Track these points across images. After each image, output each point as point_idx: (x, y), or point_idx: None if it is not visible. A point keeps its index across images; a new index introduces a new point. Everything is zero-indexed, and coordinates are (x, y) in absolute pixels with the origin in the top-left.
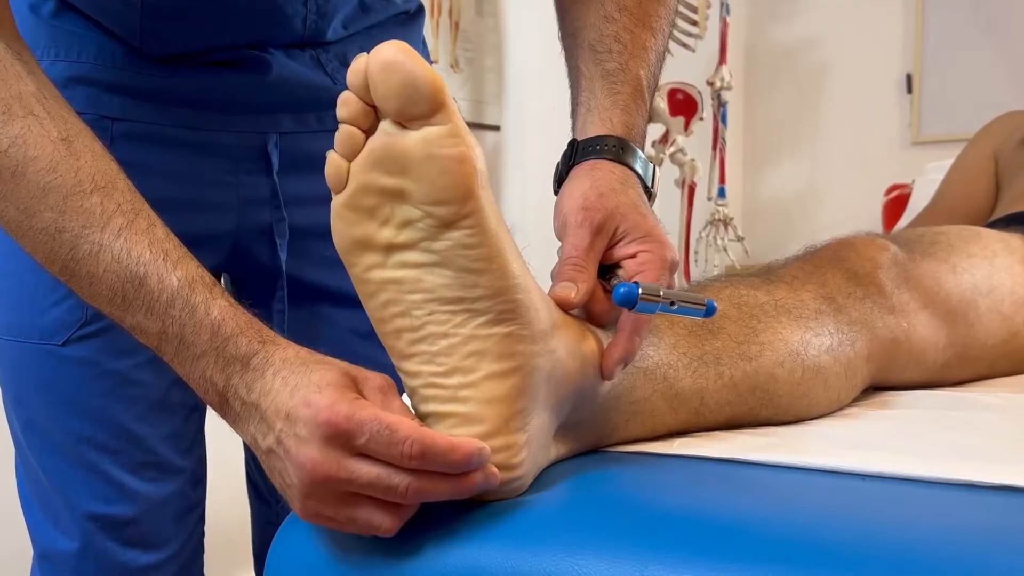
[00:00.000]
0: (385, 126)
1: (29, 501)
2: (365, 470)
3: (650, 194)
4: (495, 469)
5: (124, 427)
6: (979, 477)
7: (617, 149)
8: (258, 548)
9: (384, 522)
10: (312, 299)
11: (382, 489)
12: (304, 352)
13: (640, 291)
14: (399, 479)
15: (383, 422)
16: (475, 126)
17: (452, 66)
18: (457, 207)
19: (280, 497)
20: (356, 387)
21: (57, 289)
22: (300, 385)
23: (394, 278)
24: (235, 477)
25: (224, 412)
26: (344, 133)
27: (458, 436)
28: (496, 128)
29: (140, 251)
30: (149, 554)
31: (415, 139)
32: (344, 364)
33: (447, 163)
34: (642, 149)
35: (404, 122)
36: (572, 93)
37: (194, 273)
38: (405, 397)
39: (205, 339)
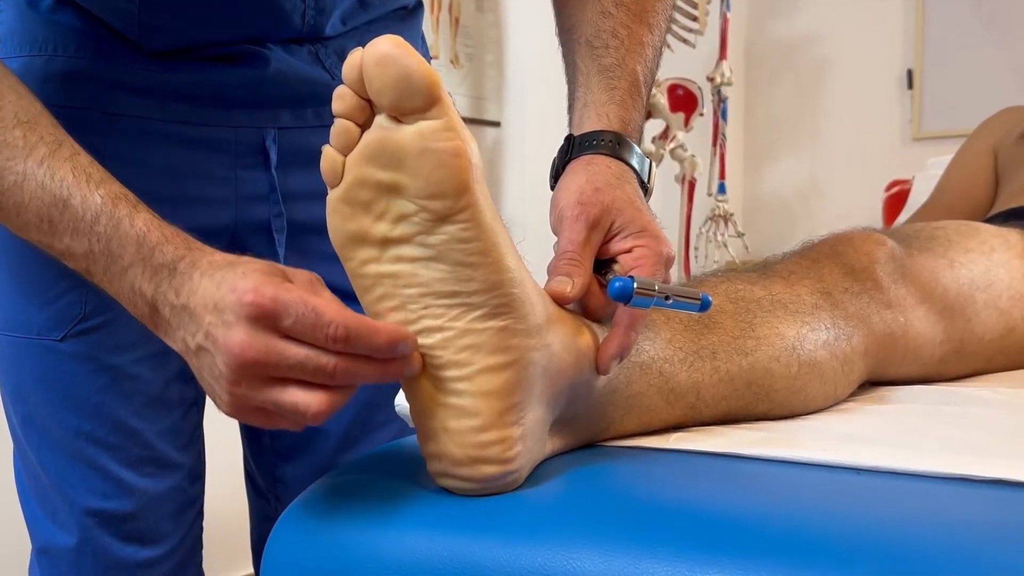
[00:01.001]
0: (380, 120)
1: (27, 496)
2: (293, 351)
3: (646, 189)
4: (419, 357)
5: (122, 422)
6: (975, 471)
7: (613, 144)
8: (256, 543)
9: (312, 403)
10: None
11: (311, 370)
12: (232, 256)
13: (635, 285)
14: (326, 359)
15: (308, 305)
16: (475, 122)
17: (452, 62)
18: (452, 201)
19: (279, 493)
20: (284, 275)
21: (55, 285)
22: (227, 278)
23: (389, 272)
24: (233, 472)
25: (155, 323)
26: (339, 127)
27: (388, 325)
28: (496, 124)
29: (63, 175)
30: (147, 549)
31: (410, 133)
32: (272, 262)
33: (442, 157)
34: (639, 144)
35: (399, 116)
36: (569, 89)
37: (117, 191)
38: (402, 395)
39: (131, 251)
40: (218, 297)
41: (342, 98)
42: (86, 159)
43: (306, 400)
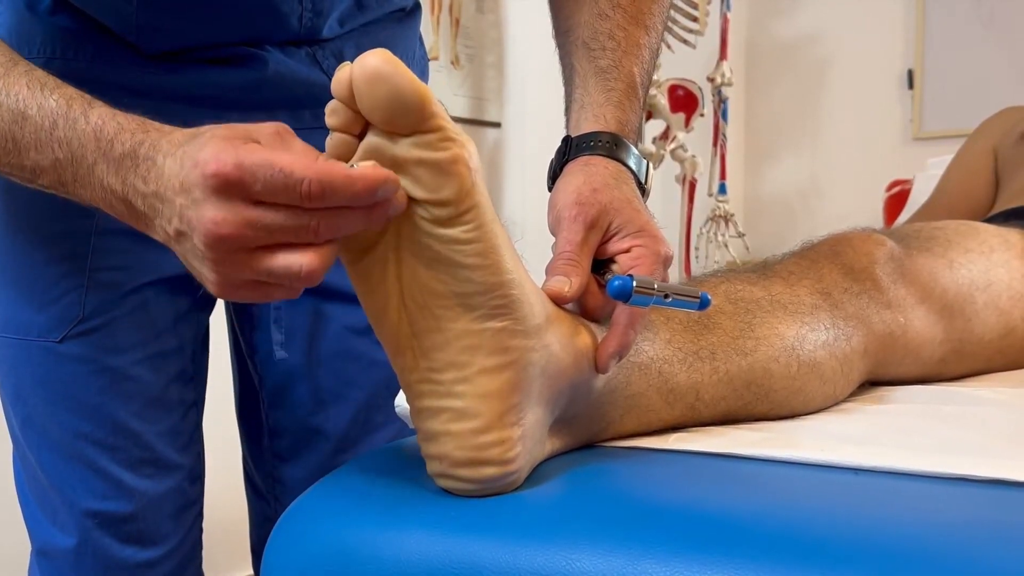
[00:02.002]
0: (375, 132)
1: (27, 497)
2: (270, 217)
3: (643, 190)
4: (403, 194)
5: (121, 423)
6: (974, 471)
7: (611, 145)
8: (256, 544)
9: (303, 263)
10: (309, 296)
11: (292, 231)
12: (190, 130)
13: (634, 284)
14: (307, 219)
15: (276, 165)
16: (475, 123)
17: (452, 63)
18: (454, 208)
19: (278, 494)
20: (248, 136)
21: (54, 286)
22: (188, 152)
23: (391, 274)
24: (233, 473)
25: (135, 218)
26: (337, 140)
27: (365, 170)
28: (496, 125)
29: (18, 90)
30: (147, 550)
31: (406, 145)
32: (235, 124)
33: (441, 166)
34: (636, 145)
35: (393, 131)
36: (566, 91)
37: (72, 92)
38: (401, 396)
39: (92, 147)
40: (183, 175)
41: (336, 113)
42: (41, 73)
43: (297, 261)
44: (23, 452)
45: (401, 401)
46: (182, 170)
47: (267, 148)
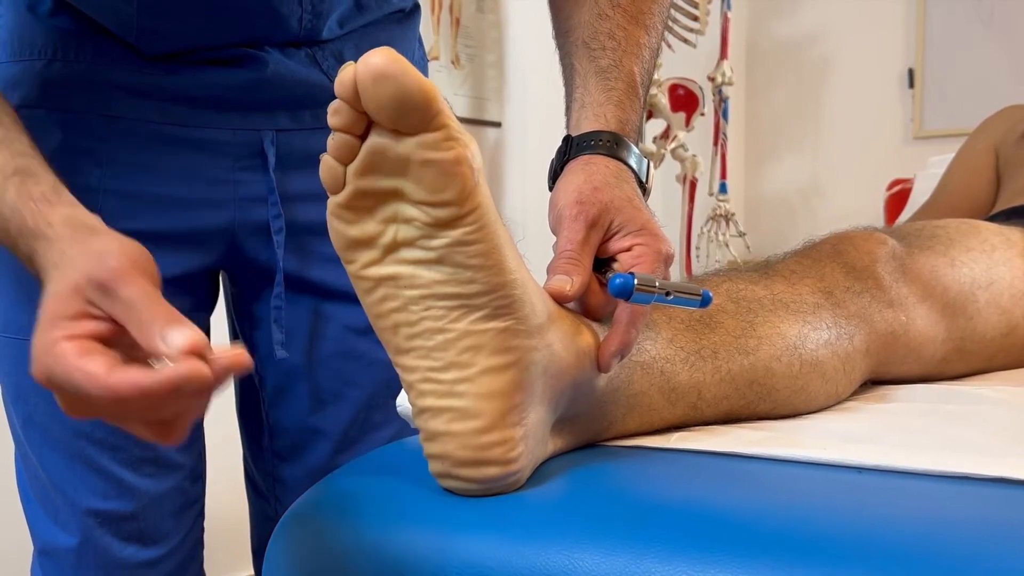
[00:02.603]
0: (378, 132)
1: (29, 497)
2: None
3: (644, 189)
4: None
5: None
6: (977, 470)
7: (611, 144)
8: (257, 543)
9: (159, 440)
10: (309, 295)
11: (118, 419)
12: (57, 254)
13: (636, 281)
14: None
15: (74, 383)
16: (476, 122)
17: (453, 62)
18: (456, 208)
19: (279, 494)
20: (101, 289)
21: None
22: (44, 301)
23: (391, 274)
24: (234, 472)
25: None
26: (339, 140)
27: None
28: (497, 124)
29: None
30: (149, 549)
31: (411, 145)
32: (90, 261)
33: (444, 166)
34: (636, 145)
35: (398, 131)
36: (566, 90)
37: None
38: (403, 395)
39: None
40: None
41: (338, 113)
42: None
43: (150, 437)
44: (25, 452)
45: (403, 401)
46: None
47: (72, 354)
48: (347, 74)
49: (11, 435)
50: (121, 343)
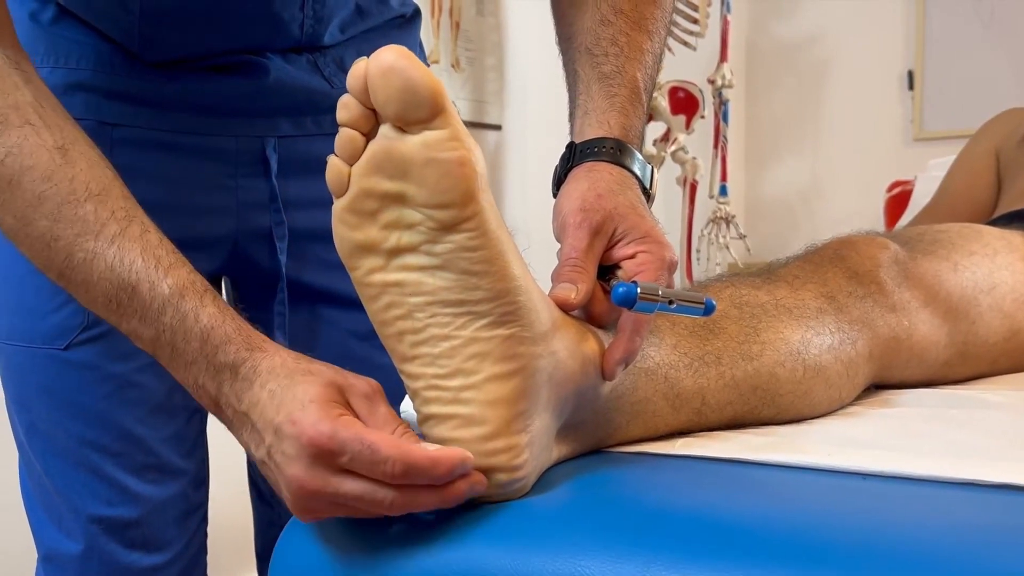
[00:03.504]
0: (385, 130)
1: (33, 503)
2: (349, 486)
3: (648, 195)
4: (481, 477)
5: (126, 430)
6: (981, 475)
7: (615, 151)
8: (260, 549)
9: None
10: (312, 302)
11: (367, 503)
12: (291, 360)
13: (639, 290)
14: (383, 494)
15: (365, 442)
16: (476, 126)
17: (453, 66)
18: (458, 210)
19: (282, 500)
20: (342, 396)
21: (59, 294)
22: (285, 401)
23: (396, 281)
24: (237, 479)
25: (220, 417)
26: (344, 137)
27: (446, 447)
28: (497, 128)
29: (132, 258)
30: (152, 556)
31: (415, 143)
32: (330, 372)
33: (448, 167)
34: (640, 151)
35: (404, 126)
36: (570, 96)
37: (185, 280)
38: (407, 402)
39: (195, 347)
40: (277, 423)
41: (347, 107)
42: (155, 237)
43: (368, 515)
44: (28, 459)
45: (407, 407)
46: (277, 416)
47: (358, 422)
48: (359, 68)
49: (14, 442)
50: None
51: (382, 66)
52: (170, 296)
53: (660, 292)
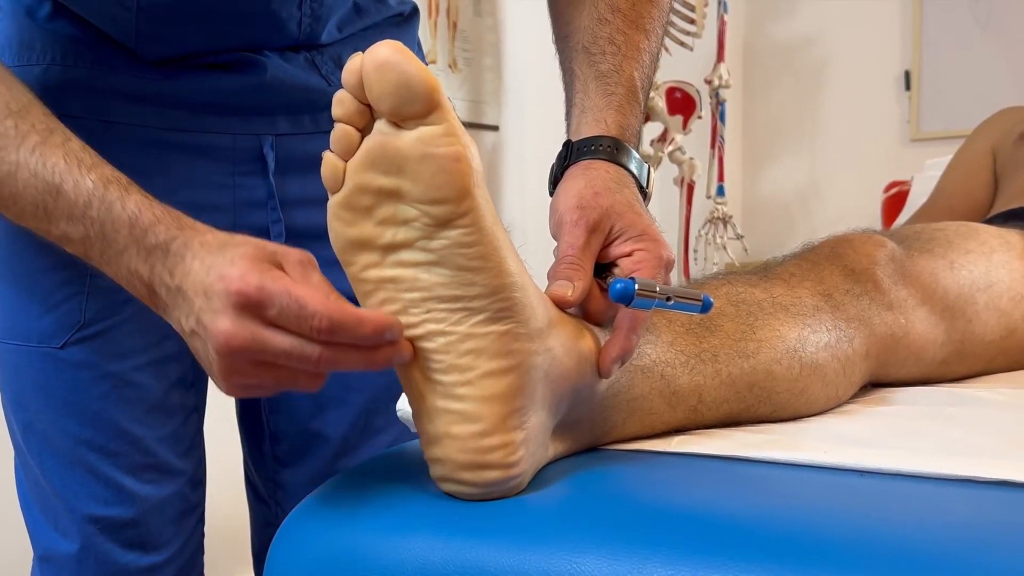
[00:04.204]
0: (380, 126)
1: (29, 503)
2: (278, 340)
3: (645, 194)
4: (409, 346)
5: (123, 429)
6: (977, 473)
7: (612, 149)
8: (257, 549)
9: (308, 385)
10: None
11: (296, 359)
12: (224, 235)
13: (636, 286)
14: (311, 349)
15: (293, 295)
16: (473, 126)
17: (450, 66)
18: (453, 206)
19: (279, 499)
20: (274, 260)
21: (55, 292)
22: (216, 263)
23: (391, 277)
24: (234, 478)
25: (154, 303)
26: (340, 132)
27: (374, 314)
28: (495, 128)
29: (55, 162)
30: (149, 556)
31: (410, 138)
32: (264, 242)
33: (443, 162)
34: (637, 150)
35: (399, 122)
36: (566, 95)
37: (108, 174)
38: (404, 399)
39: (125, 234)
40: (207, 283)
41: (342, 103)
42: (78, 144)
43: (302, 383)
44: (25, 458)
45: (403, 405)
46: (207, 277)
47: (288, 277)
48: (354, 63)
49: (11, 441)
50: None
51: (377, 61)
52: (94, 189)
53: (658, 288)
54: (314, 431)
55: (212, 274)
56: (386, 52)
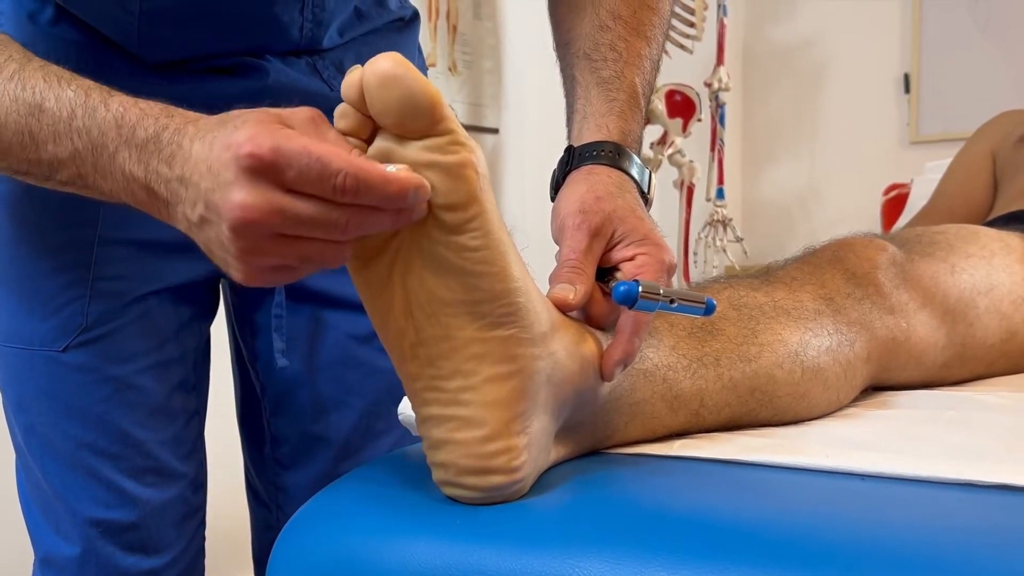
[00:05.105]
0: (384, 136)
1: (30, 506)
2: (301, 206)
3: (646, 199)
4: (426, 202)
5: (124, 432)
6: (979, 477)
7: (613, 154)
8: (258, 552)
9: (334, 258)
10: (311, 304)
11: (321, 226)
12: (223, 115)
13: (640, 289)
14: (337, 214)
15: (313, 154)
16: (473, 129)
17: (450, 69)
18: (461, 212)
19: (281, 502)
20: (282, 121)
21: (57, 296)
22: (219, 135)
23: (397, 281)
24: (235, 482)
25: (155, 207)
26: None
27: (398, 172)
28: (495, 131)
29: (35, 83)
30: (150, 559)
31: (416, 149)
32: (266, 109)
33: (450, 170)
34: (638, 155)
35: (404, 135)
36: (567, 101)
37: (89, 83)
38: (405, 403)
39: (112, 135)
40: (212, 158)
41: (345, 116)
42: (57, 67)
43: (329, 256)
44: (26, 461)
45: (405, 409)
46: (211, 152)
47: (303, 136)
48: (354, 77)
49: (12, 444)
50: None
51: (379, 76)
52: (75, 97)
53: (661, 291)
54: (315, 434)
55: (216, 146)
56: (387, 65)
